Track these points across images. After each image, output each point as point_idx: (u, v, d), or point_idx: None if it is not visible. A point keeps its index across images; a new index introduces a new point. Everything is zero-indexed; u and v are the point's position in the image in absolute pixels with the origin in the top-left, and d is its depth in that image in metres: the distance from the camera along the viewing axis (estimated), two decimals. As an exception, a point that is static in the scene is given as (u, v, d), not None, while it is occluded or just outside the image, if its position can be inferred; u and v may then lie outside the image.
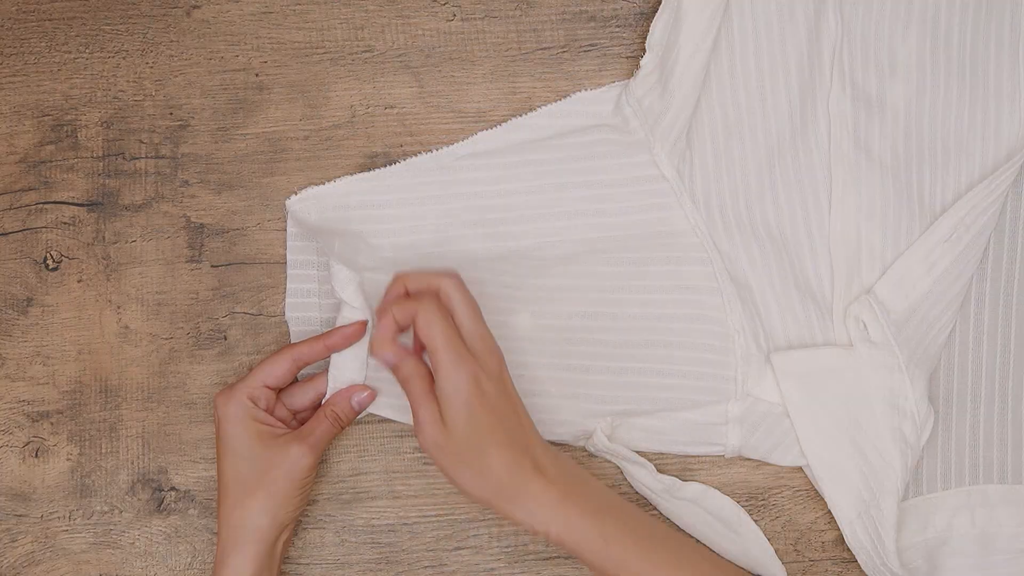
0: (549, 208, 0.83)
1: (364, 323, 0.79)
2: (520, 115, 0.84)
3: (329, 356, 0.80)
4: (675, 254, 0.82)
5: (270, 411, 0.78)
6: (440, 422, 0.72)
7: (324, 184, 0.82)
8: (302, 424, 0.80)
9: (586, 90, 0.84)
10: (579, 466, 0.76)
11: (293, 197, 0.82)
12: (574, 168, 0.83)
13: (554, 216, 0.82)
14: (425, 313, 0.72)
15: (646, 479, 0.80)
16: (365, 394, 0.79)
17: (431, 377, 0.73)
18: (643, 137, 0.83)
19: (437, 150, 0.83)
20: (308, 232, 0.82)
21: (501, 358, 0.74)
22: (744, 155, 0.83)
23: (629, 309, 0.82)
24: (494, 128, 0.84)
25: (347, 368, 0.80)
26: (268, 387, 0.77)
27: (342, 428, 0.79)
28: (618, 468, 0.82)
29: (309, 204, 0.81)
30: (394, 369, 0.74)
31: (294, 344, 0.79)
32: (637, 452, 0.81)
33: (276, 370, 0.78)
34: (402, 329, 0.74)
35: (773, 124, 0.83)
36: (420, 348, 0.76)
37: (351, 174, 0.83)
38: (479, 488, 0.72)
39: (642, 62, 0.82)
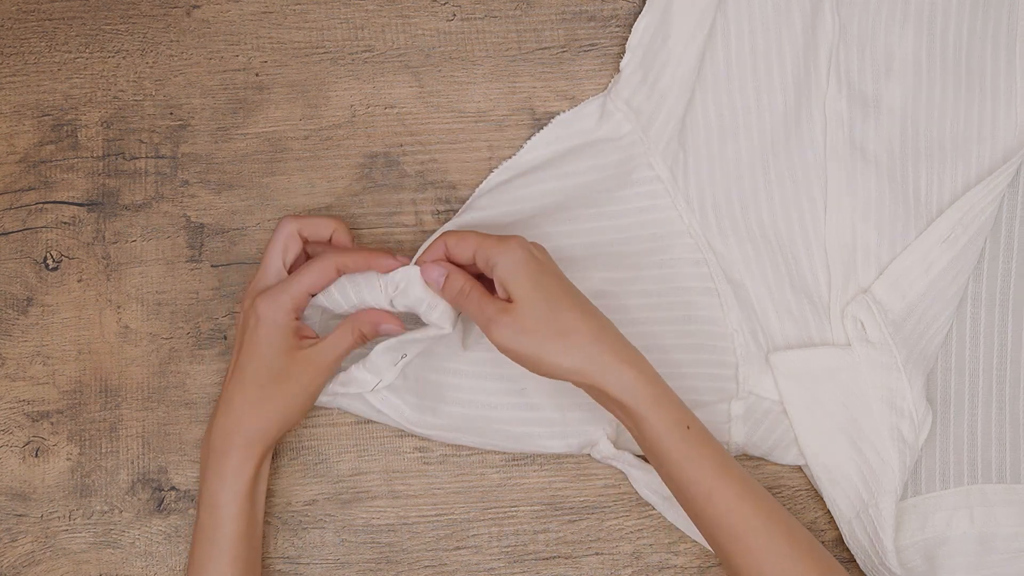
0: (547, 214, 0.82)
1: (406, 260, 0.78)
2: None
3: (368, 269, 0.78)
4: (670, 256, 0.82)
5: (300, 315, 0.77)
6: (510, 308, 0.72)
7: None
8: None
9: (563, 112, 0.84)
10: None
11: None
12: (573, 184, 0.83)
13: (551, 222, 0.82)
14: (450, 238, 0.75)
15: (652, 484, 0.80)
16: (392, 325, 0.77)
17: (482, 287, 0.74)
18: (636, 139, 0.83)
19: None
20: None
21: (542, 246, 0.76)
22: (738, 155, 0.83)
23: (627, 313, 0.82)
24: (489, 175, 0.83)
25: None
26: (311, 294, 0.76)
27: (363, 343, 0.78)
28: (623, 475, 0.82)
29: None
30: (445, 286, 0.75)
31: (338, 253, 0.77)
32: (641, 458, 0.81)
33: (321, 280, 0.76)
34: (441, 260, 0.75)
35: (768, 124, 0.83)
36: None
37: (351, 173, 0.83)
38: (568, 355, 0.72)
39: (622, 64, 0.82)
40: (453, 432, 0.81)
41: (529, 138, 0.84)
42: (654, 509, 0.82)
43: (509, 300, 0.73)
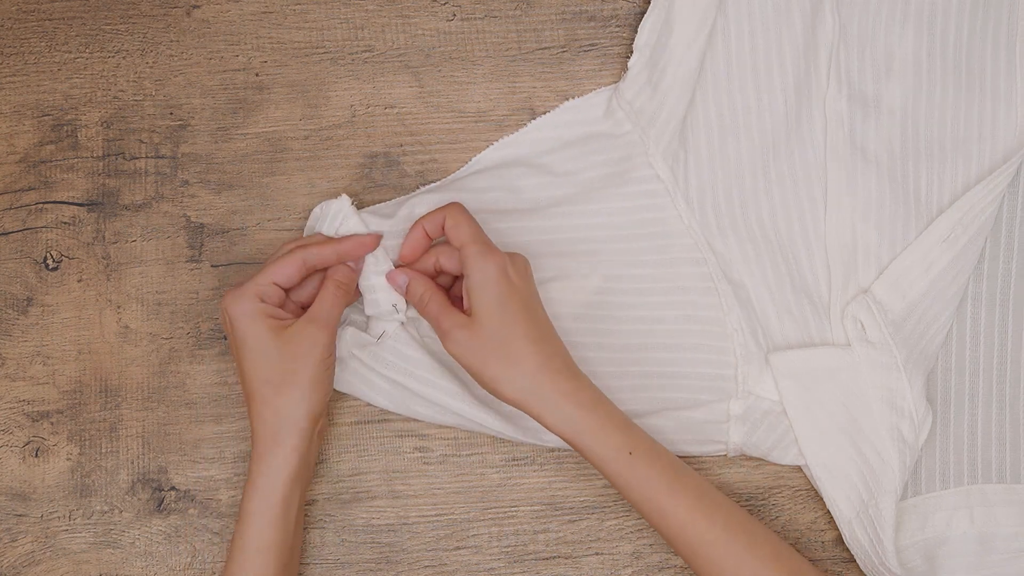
0: (545, 208, 0.83)
1: (378, 235, 0.78)
2: (516, 117, 0.84)
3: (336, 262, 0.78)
4: (670, 255, 0.82)
5: (270, 303, 0.76)
6: (466, 324, 0.74)
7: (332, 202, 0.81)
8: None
9: (575, 98, 0.84)
10: None
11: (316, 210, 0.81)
12: (572, 181, 0.83)
13: (549, 216, 0.82)
14: (453, 214, 0.76)
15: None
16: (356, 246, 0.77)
17: (445, 294, 0.77)
18: (637, 139, 0.83)
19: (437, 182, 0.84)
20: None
21: (527, 261, 0.76)
22: (739, 155, 0.83)
23: (626, 311, 0.82)
24: (487, 148, 0.84)
25: (380, 292, 0.79)
26: (276, 284, 0.76)
27: (348, 295, 0.77)
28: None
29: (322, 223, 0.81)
30: (408, 291, 0.77)
31: (304, 244, 0.77)
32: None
33: (285, 270, 0.76)
34: (431, 237, 0.78)
35: (768, 124, 0.83)
36: (433, 276, 0.79)
37: (351, 173, 0.83)
38: (510, 382, 0.73)
39: (629, 63, 0.82)
40: (456, 417, 0.80)
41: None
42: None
43: (470, 311, 0.74)
